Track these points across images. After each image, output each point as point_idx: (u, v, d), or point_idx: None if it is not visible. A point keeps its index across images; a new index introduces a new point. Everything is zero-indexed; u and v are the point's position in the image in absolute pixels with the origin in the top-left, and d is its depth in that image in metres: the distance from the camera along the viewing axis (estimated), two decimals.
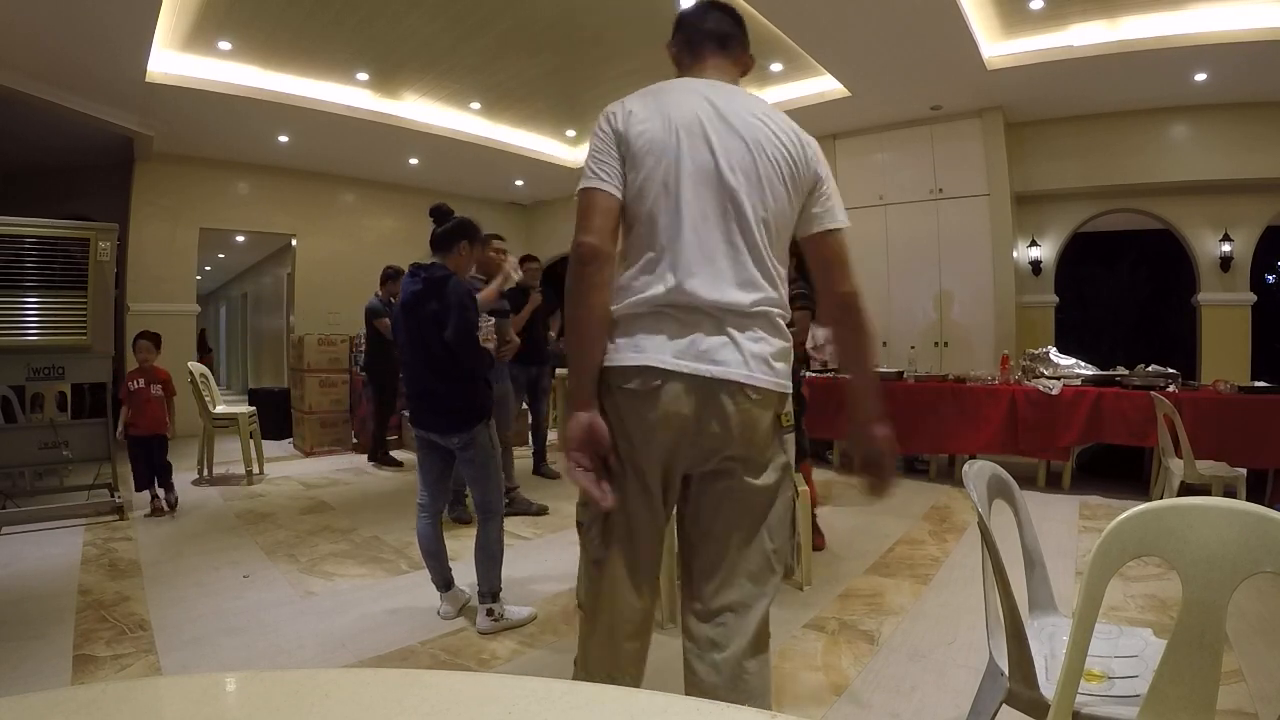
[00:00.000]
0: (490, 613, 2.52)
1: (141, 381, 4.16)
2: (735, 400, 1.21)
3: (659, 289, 1.22)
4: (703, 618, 1.27)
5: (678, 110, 1.29)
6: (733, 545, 1.26)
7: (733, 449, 1.23)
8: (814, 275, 1.38)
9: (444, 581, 2.64)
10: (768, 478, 1.27)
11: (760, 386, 1.22)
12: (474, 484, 2.57)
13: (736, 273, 1.23)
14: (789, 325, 1.31)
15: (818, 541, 3.47)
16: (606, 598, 1.29)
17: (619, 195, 1.26)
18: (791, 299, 4.99)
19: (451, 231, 2.57)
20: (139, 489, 4.17)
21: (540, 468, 5.31)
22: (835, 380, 5.55)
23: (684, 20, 1.46)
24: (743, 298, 1.23)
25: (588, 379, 1.24)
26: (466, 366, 2.46)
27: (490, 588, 2.54)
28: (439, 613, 2.65)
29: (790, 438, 1.32)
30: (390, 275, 5.48)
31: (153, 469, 4.19)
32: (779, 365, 1.27)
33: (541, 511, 4.18)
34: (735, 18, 1.46)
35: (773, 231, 1.28)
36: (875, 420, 1.35)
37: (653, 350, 1.21)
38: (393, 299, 5.13)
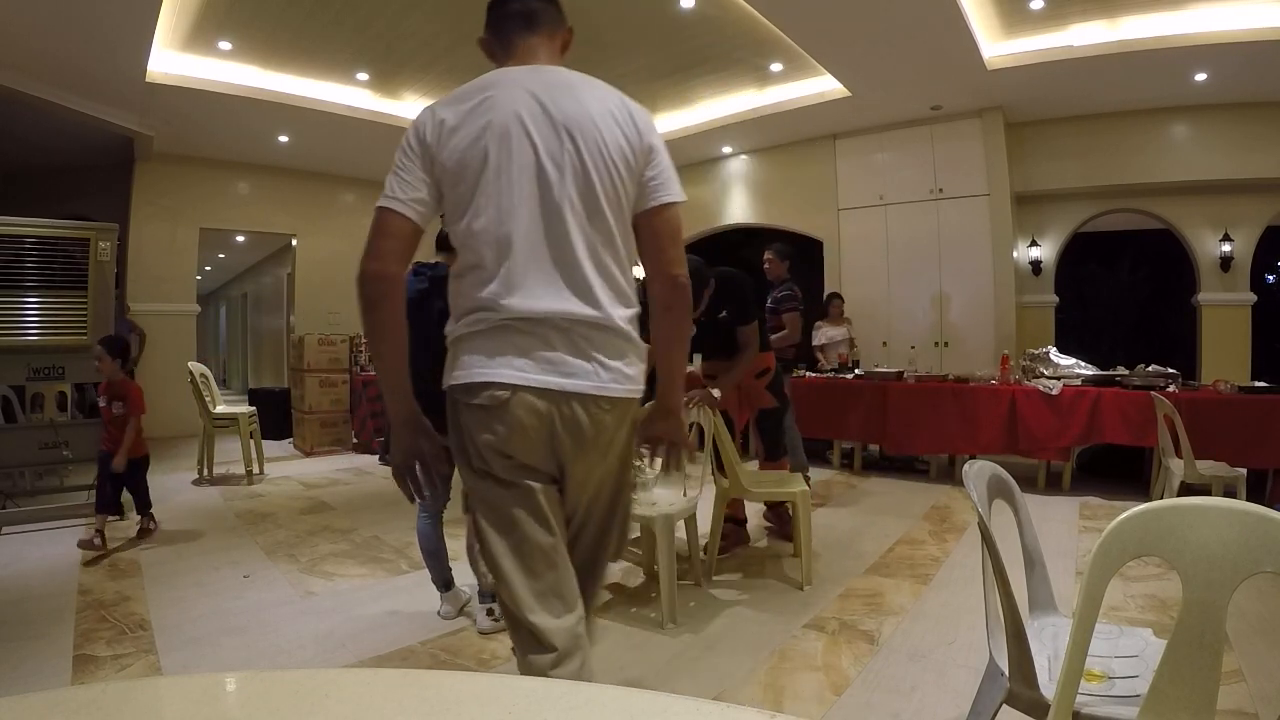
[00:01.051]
0: (491, 612, 2.51)
1: (103, 398, 3.61)
2: (588, 410, 1.19)
3: (499, 305, 1.17)
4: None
5: (495, 111, 1.21)
6: (595, 542, 1.32)
7: (588, 457, 1.22)
8: (643, 254, 1.30)
9: (444, 581, 2.64)
10: (618, 479, 1.30)
11: (613, 396, 1.20)
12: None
13: (576, 280, 1.19)
14: (777, 328, 1.32)
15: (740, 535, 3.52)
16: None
17: (413, 218, 1.21)
18: (780, 300, 4.90)
19: None
20: (99, 510, 3.54)
21: None
22: (833, 380, 5.55)
23: (489, 7, 1.38)
24: (583, 306, 1.18)
25: (401, 400, 1.28)
26: None
27: (491, 587, 2.54)
28: (439, 613, 2.65)
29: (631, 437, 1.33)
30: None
31: (116, 490, 3.62)
32: (631, 371, 1.24)
33: None
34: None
35: (613, 224, 1.22)
36: (670, 412, 1.36)
37: (499, 366, 1.17)
38: None
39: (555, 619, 1.19)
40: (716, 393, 3.04)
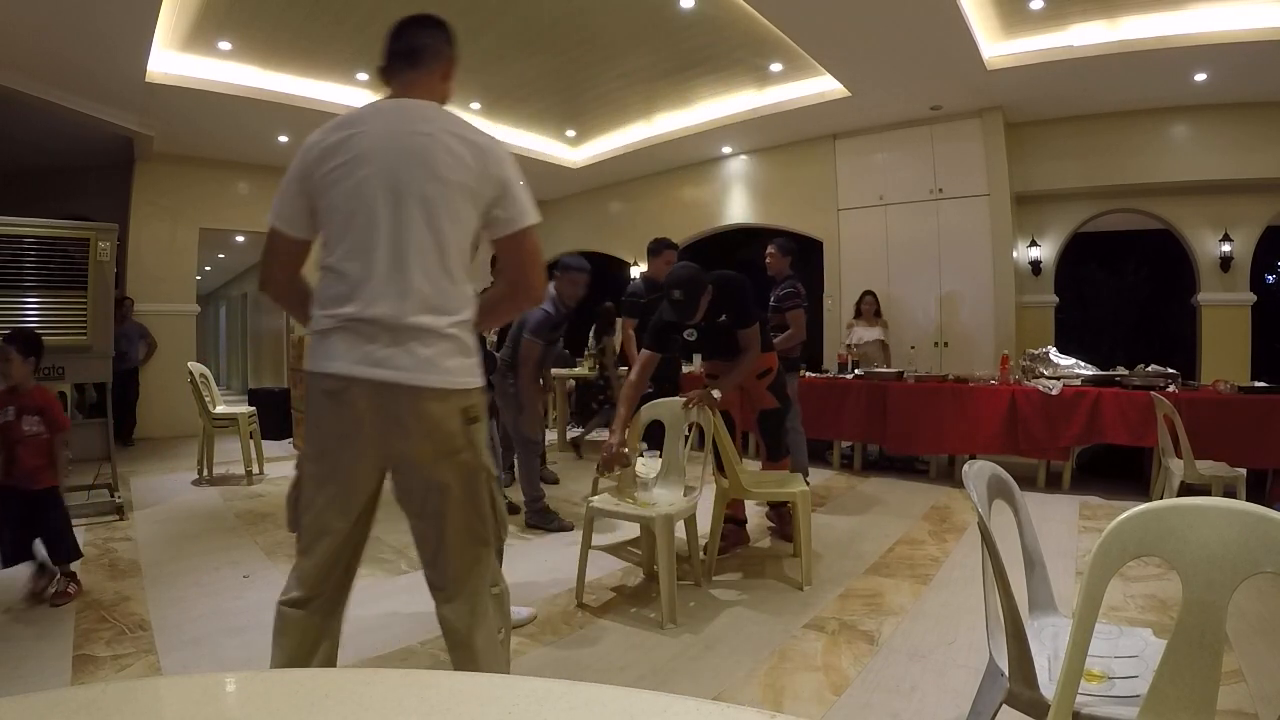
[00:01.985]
0: None
1: (11, 411, 2.77)
2: (414, 401, 1.35)
3: (341, 307, 1.36)
4: (432, 589, 1.48)
5: (360, 139, 1.39)
6: (441, 526, 1.44)
7: (415, 444, 1.38)
8: (503, 273, 1.54)
9: None
10: (455, 465, 1.41)
11: (435, 386, 1.36)
12: None
13: (407, 290, 1.35)
14: (781, 327, 1.34)
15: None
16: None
17: (289, 232, 1.46)
18: (783, 298, 4.90)
19: None
20: (4, 564, 2.72)
21: (541, 471, 5.14)
22: (834, 381, 5.55)
23: (385, 42, 1.54)
24: (416, 312, 1.35)
25: None
26: None
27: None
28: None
29: (477, 427, 1.44)
30: (654, 249, 4.47)
31: (28, 535, 2.75)
32: (450, 363, 1.39)
33: (567, 528, 3.85)
34: (431, 28, 1.53)
35: (446, 244, 1.38)
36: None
37: (338, 358, 1.36)
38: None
39: (290, 593, 1.44)
40: (716, 393, 3.04)
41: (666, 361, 3.72)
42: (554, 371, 6.16)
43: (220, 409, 5.46)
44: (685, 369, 5.35)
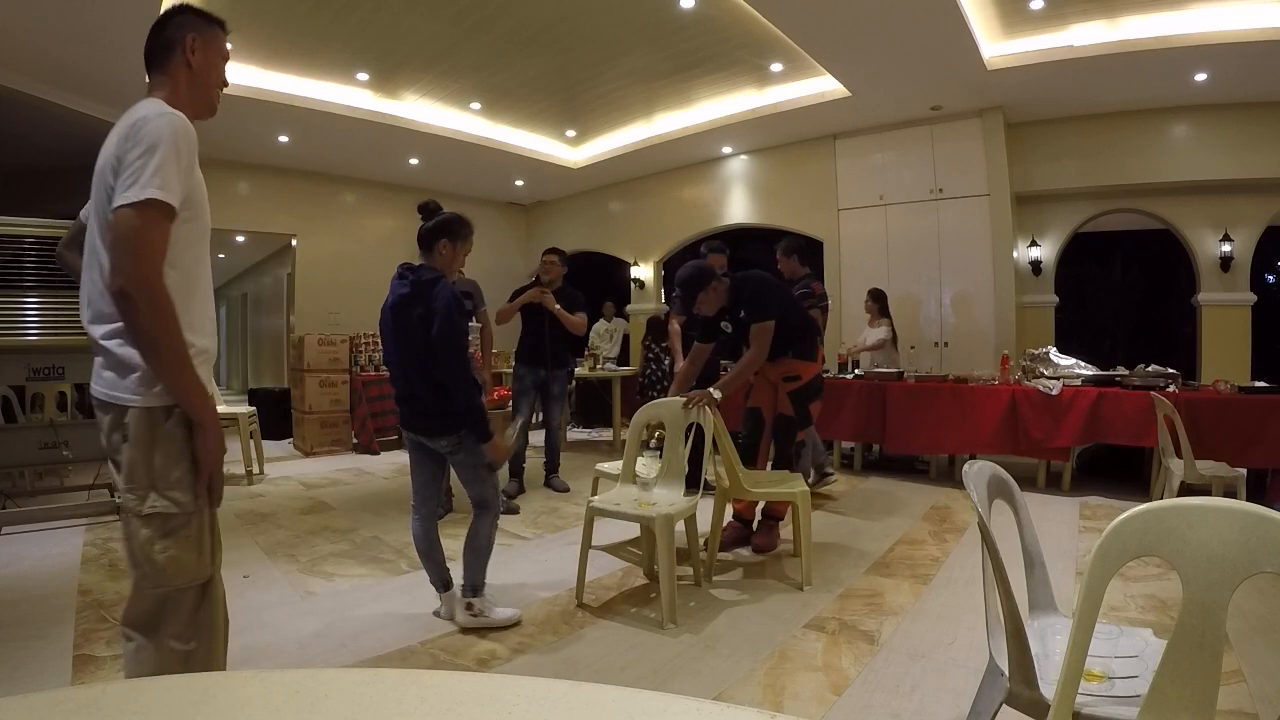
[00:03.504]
0: (470, 607, 2.52)
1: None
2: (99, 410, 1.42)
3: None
4: None
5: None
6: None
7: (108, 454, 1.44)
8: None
9: (442, 582, 2.63)
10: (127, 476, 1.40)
11: (98, 398, 1.41)
12: (468, 484, 2.56)
13: (87, 297, 1.41)
14: (816, 331, 1.35)
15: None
16: None
17: (83, 217, 1.55)
18: (799, 299, 4.84)
19: (432, 230, 2.52)
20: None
21: (550, 480, 4.87)
22: (834, 381, 5.55)
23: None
24: (89, 323, 1.40)
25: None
26: (446, 378, 2.37)
27: (473, 581, 2.54)
28: (438, 613, 2.64)
29: (130, 449, 1.39)
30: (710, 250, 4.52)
31: None
32: (106, 374, 1.39)
33: (512, 510, 4.14)
34: (156, 30, 1.51)
35: (99, 242, 1.36)
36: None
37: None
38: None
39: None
40: (717, 394, 3.04)
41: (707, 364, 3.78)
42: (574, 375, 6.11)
43: (220, 409, 5.46)
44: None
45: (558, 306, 4.35)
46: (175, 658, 1.37)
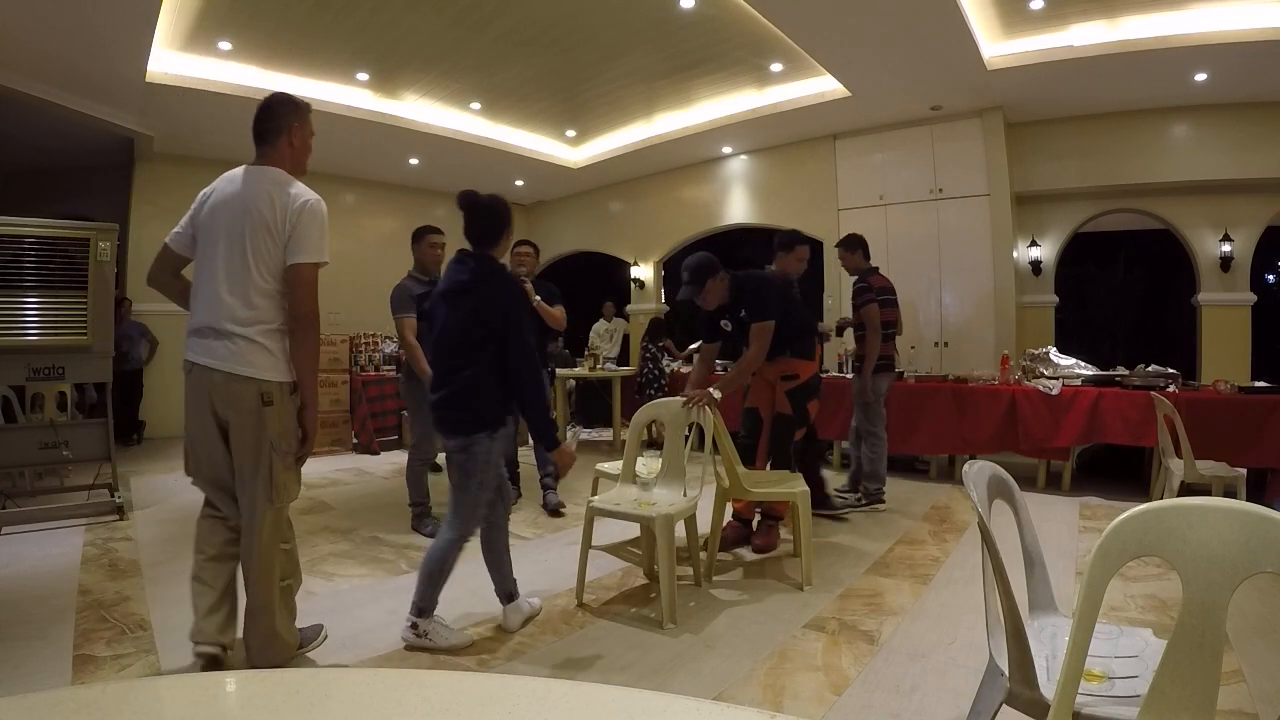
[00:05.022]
0: (414, 626, 2.37)
1: None
2: (224, 381, 2.00)
3: (193, 313, 2.09)
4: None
5: (217, 191, 2.11)
6: (247, 488, 2.07)
7: (222, 413, 2.03)
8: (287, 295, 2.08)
9: (506, 594, 2.55)
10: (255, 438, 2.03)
11: (233, 373, 1.99)
12: (451, 490, 2.44)
13: (223, 301, 2.01)
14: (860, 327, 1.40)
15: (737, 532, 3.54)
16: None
17: (173, 247, 2.18)
18: (854, 295, 4.87)
19: (486, 226, 2.49)
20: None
21: (546, 497, 4.36)
22: (834, 381, 5.54)
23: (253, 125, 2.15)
24: (226, 320, 2.00)
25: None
26: (526, 381, 2.32)
27: (421, 601, 2.37)
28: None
29: (270, 410, 2.02)
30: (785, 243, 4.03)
31: None
32: (251, 357, 2.01)
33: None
34: (267, 113, 2.13)
35: (254, 266, 2.01)
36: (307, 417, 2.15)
37: (188, 349, 2.07)
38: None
39: None
40: (716, 394, 3.04)
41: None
42: (558, 371, 6.05)
43: None
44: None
45: (538, 298, 4.09)
46: (283, 554, 2.12)
